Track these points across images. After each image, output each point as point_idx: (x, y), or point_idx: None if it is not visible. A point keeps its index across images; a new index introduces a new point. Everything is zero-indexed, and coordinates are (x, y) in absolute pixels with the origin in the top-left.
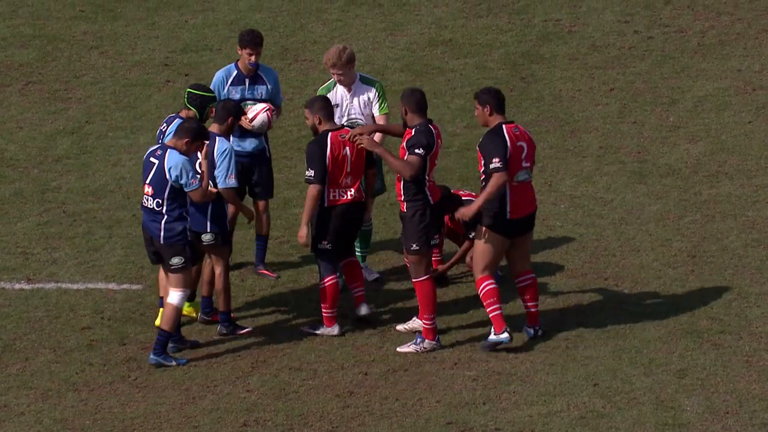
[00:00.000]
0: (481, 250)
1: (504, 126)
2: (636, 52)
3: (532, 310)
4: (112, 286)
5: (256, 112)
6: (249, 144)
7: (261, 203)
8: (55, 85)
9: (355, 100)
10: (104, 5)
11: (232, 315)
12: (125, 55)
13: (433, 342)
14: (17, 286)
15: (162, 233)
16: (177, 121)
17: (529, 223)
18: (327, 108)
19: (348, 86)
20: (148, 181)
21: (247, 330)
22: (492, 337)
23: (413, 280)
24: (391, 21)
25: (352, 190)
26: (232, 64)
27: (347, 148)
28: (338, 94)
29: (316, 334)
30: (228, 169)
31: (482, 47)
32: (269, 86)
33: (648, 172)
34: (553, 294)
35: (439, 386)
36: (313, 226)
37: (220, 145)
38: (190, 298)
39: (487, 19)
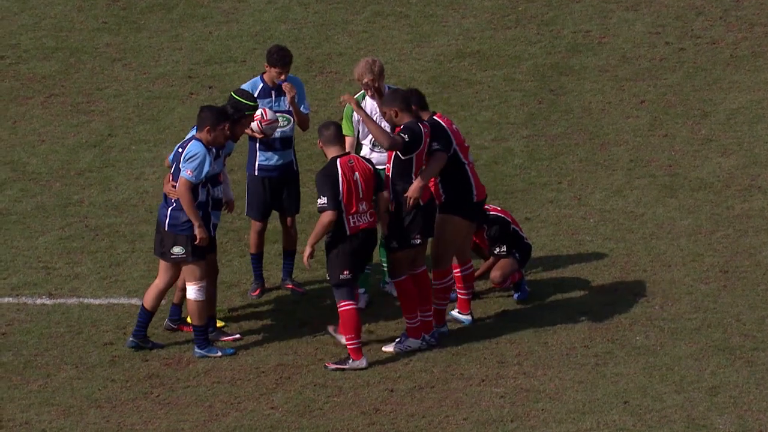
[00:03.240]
0: (447, 240)
1: (435, 117)
2: (667, 64)
3: (468, 297)
4: (134, 301)
5: (255, 128)
6: (277, 158)
7: (288, 218)
8: (77, 97)
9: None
10: (127, 17)
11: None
12: (148, 67)
13: (418, 341)
14: (39, 301)
15: (167, 219)
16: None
17: (482, 208)
18: (333, 132)
19: (372, 96)
20: (173, 171)
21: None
22: (456, 314)
23: (392, 279)
24: (417, 32)
25: (367, 215)
26: (258, 77)
27: (356, 173)
28: (367, 107)
29: (344, 370)
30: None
31: (510, 59)
32: (296, 96)
33: (679, 185)
34: (583, 310)
35: (466, 403)
36: (334, 256)
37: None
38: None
39: (515, 31)
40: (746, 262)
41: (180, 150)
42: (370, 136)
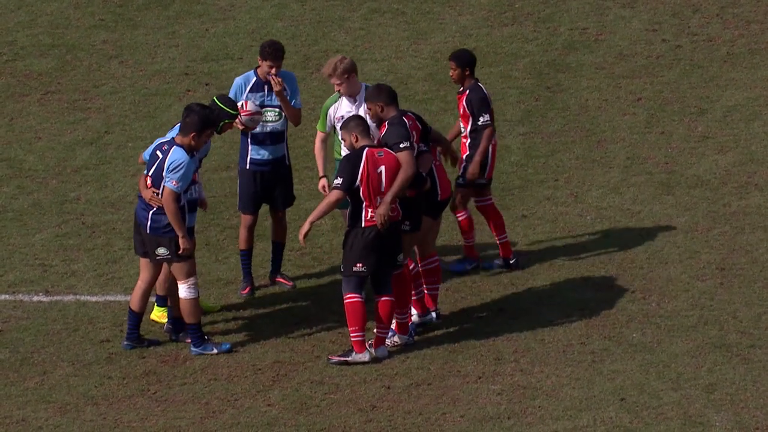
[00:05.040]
0: (424, 236)
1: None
2: (664, 61)
3: (436, 292)
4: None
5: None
6: (269, 152)
7: (279, 212)
8: (74, 94)
9: (362, 110)
10: (124, 14)
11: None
12: (145, 64)
13: (405, 337)
14: (35, 298)
15: (149, 223)
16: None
17: (445, 206)
18: (362, 125)
19: (353, 96)
20: (150, 173)
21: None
22: (417, 318)
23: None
24: (414, 30)
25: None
26: (251, 71)
27: (382, 166)
28: (343, 105)
29: (347, 363)
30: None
31: (507, 56)
32: (288, 91)
33: (676, 183)
34: (580, 307)
35: (463, 400)
36: (349, 248)
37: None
38: (162, 303)
39: (512, 28)
40: (743, 260)
41: (159, 155)
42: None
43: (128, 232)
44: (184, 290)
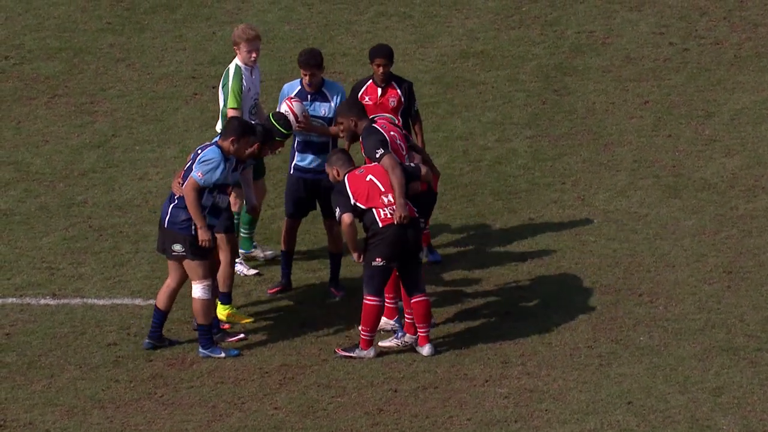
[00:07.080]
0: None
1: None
2: (671, 65)
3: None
4: (138, 301)
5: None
6: (311, 160)
7: (327, 221)
8: (81, 98)
9: (257, 80)
10: (131, 17)
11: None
12: (152, 67)
13: (414, 336)
14: (42, 301)
15: (168, 217)
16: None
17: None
18: (342, 158)
19: (253, 66)
20: (185, 167)
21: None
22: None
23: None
24: (421, 33)
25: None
26: (298, 80)
27: (369, 175)
28: (247, 77)
29: (352, 357)
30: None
31: (514, 59)
32: (333, 103)
33: (683, 186)
34: (587, 310)
35: (470, 404)
36: (371, 246)
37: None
38: (226, 301)
39: (519, 31)
40: (750, 263)
41: (199, 151)
42: (254, 96)
43: (135, 235)
44: (198, 290)
